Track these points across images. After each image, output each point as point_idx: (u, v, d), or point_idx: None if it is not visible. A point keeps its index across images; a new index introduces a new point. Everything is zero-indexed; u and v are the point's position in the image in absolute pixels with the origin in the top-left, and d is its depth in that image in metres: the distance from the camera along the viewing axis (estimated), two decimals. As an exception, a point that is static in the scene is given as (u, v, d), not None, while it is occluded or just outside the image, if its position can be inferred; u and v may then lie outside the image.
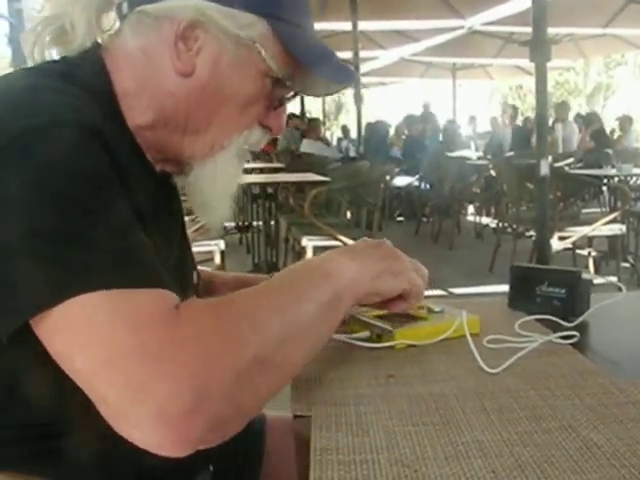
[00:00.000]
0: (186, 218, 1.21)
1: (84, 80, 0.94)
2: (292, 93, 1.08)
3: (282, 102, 1.08)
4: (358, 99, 9.75)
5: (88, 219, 0.78)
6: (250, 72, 1.00)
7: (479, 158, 11.15)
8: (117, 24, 1.03)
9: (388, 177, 9.10)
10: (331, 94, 1.17)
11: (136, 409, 0.73)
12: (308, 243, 5.32)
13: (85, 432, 0.89)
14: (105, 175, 0.82)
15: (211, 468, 1.15)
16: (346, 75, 1.08)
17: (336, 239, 5.21)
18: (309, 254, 5.24)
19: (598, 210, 8.39)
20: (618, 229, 6.08)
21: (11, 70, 1.04)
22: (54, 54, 1.04)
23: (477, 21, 12.20)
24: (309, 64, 1.01)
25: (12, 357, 0.83)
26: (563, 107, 12.33)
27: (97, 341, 0.74)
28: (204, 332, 0.78)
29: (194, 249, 1.24)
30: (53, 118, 0.82)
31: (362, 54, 10.41)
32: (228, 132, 1.04)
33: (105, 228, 0.79)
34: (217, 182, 1.06)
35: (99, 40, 1.03)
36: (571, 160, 9.24)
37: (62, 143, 0.80)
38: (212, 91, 1.00)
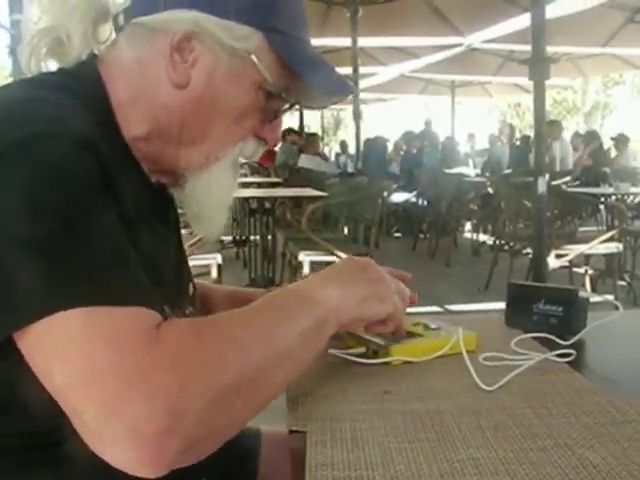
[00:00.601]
0: (183, 231, 1.21)
1: (80, 92, 0.95)
2: (288, 105, 1.08)
3: (277, 114, 1.08)
4: (357, 115, 9.78)
5: (71, 234, 0.78)
6: (245, 84, 1.01)
7: (477, 175, 11.18)
8: (113, 35, 1.03)
9: (386, 193, 9.11)
10: (327, 106, 1.17)
11: (110, 427, 0.72)
12: (305, 258, 5.31)
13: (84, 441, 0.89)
14: (92, 190, 0.82)
15: (205, 481, 1.14)
16: (342, 87, 1.08)
17: (333, 254, 5.21)
18: (306, 269, 5.24)
19: (595, 228, 8.40)
20: (615, 247, 6.09)
21: (11, 80, 1.04)
22: (50, 66, 1.05)
23: (476, 39, 12.26)
24: (305, 75, 1.01)
25: (7, 367, 0.83)
26: (554, 126, 12.20)
27: (76, 357, 0.74)
28: (183, 353, 0.77)
29: (191, 262, 1.24)
30: (46, 129, 0.82)
31: (362, 70, 10.46)
32: (223, 143, 1.04)
33: (88, 244, 0.78)
34: (212, 193, 1.06)
35: (95, 51, 1.04)
36: (568, 178, 9.26)
37: (53, 154, 0.80)
38: (207, 103, 1.00)
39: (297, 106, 1.11)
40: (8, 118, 0.84)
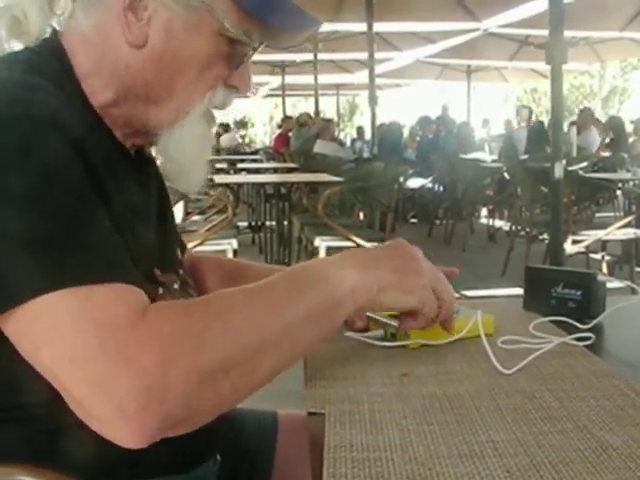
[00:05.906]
0: (198, 217, 1.21)
1: (46, 69, 0.95)
2: (252, 50, 1.05)
3: (244, 60, 1.06)
4: (372, 100, 9.72)
5: (46, 218, 0.79)
6: (204, 34, 0.99)
7: (493, 161, 11.12)
8: (69, 5, 1.00)
9: (402, 178, 9.07)
10: (294, 45, 1.14)
11: (98, 405, 0.76)
12: (321, 243, 5.32)
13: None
14: (63, 168, 0.82)
15: (218, 458, 1.15)
16: (303, 22, 1.07)
17: (349, 240, 5.20)
18: (322, 254, 5.23)
19: (612, 214, 8.35)
20: (632, 233, 6.06)
21: None
22: (15, 47, 1.03)
23: (493, 23, 12.16)
24: (260, 15, 0.99)
25: None
26: (585, 113, 11.81)
27: (62, 340, 0.77)
28: (168, 334, 0.79)
29: (207, 248, 1.25)
30: (18, 112, 0.82)
31: (377, 56, 10.37)
32: (190, 97, 1.03)
33: (65, 226, 0.79)
34: (186, 147, 1.05)
35: (55, 25, 1.02)
36: (586, 164, 9.20)
37: (13, 136, 0.81)
38: (168, 58, 0.99)
39: (262, 48, 1.07)
40: None
